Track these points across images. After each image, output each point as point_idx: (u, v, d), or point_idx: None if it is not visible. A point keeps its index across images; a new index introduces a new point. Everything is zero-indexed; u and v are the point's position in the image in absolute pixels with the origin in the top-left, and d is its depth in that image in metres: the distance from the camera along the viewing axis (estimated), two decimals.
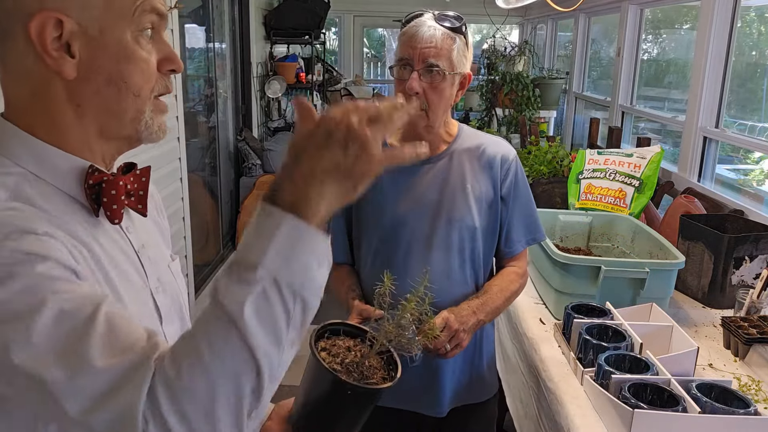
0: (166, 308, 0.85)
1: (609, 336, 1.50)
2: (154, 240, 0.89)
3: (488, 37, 6.83)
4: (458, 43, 1.38)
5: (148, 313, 0.80)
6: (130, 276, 0.78)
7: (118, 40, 0.70)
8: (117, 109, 0.73)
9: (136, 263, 0.81)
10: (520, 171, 1.53)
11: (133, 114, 0.74)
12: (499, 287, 1.47)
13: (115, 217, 0.75)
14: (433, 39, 1.35)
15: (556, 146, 3.17)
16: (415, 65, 1.36)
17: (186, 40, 3.81)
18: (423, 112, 1.38)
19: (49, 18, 0.66)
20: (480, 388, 1.57)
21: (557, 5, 3.66)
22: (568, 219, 2.20)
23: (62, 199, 0.73)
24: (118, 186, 0.75)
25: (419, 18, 1.39)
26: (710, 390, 1.27)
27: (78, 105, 0.72)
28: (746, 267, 1.88)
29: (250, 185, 4.74)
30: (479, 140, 1.51)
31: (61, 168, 0.73)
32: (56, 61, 0.68)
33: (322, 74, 6.14)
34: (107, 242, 0.76)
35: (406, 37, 1.38)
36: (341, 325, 1.06)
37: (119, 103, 0.73)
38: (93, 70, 0.70)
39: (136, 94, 0.73)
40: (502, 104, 5.57)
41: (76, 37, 0.68)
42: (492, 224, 1.49)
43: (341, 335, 1.04)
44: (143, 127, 0.76)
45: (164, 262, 0.89)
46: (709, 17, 2.84)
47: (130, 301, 0.76)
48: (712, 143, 2.94)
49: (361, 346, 1.02)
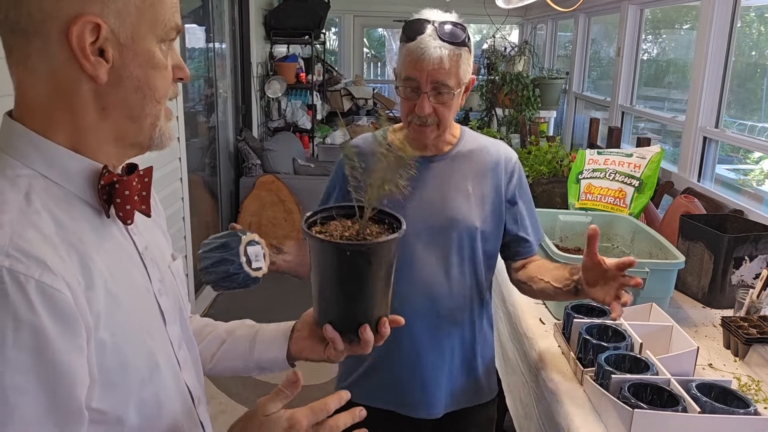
0: (169, 310, 0.85)
1: (609, 336, 1.50)
2: (156, 241, 0.90)
3: (488, 37, 6.83)
4: (464, 56, 1.35)
5: (151, 317, 0.81)
6: (134, 279, 0.78)
7: (148, 48, 0.72)
8: (140, 114, 0.75)
9: (139, 265, 0.81)
10: (523, 173, 1.54)
11: (152, 119, 0.76)
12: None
13: (128, 218, 0.76)
14: (441, 60, 1.31)
15: (556, 146, 3.17)
16: (424, 87, 1.34)
17: (186, 40, 3.81)
18: (434, 126, 1.39)
19: (88, 22, 0.67)
20: (477, 391, 1.57)
21: (557, 5, 3.66)
22: (568, 219, 2.20)
23: (72, 202, 0.73)
24: (132, 186, 0.76)
25: (422, 35, 1.33)
26: (710, 390, 1.27)
27: (103, 108, 0.73)
28: (746, 267, 1.88)
29: (250, 185, 4.74)
30: (481, 143, 1.52)
31: (71, 170, 0.73)
32: (94, 65, 0.69)
33: (322, 74, 6.14)
34: (112, 246, 0.76)
35: (412, 59, 1.33)
36: (332, 209, 1.00)
37: (143, 108, 0.74)
38: (123, 76, 0.72)
39: (158, 100, 0.75)
40: (502, 104, 5.56)
41: (110, 43, 0.70)
42: (494, 225, 1.49)
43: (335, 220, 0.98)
44: (158, 134, 0.78)
45: (165, 262, 0.89)
46: (709, 17, 2.84)
47: (133, 307, 0.76)
48: (712, 143, 2.94)
49: (356, 221, 0.96)
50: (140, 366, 0.75)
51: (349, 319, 0.94)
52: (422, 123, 1.38)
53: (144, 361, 0.76)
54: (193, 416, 0.88)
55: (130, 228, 0.81)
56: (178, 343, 0.87)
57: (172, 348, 0.85)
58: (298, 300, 4.17)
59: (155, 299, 0.82)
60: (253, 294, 4.65)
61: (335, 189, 1.53)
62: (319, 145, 5.93)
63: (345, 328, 0.94)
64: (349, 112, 6.68)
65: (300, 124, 5.63)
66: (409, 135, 1.43)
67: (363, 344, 0.94)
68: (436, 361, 1.47)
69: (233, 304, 4.12)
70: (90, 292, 0.69)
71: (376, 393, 1.51)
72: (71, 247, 0.69)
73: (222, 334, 1.08)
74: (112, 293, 0.72)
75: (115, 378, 0.72)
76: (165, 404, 0.80)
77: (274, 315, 0.83)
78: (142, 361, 0.76)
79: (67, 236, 0.69)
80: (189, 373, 0.89)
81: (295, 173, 4.91)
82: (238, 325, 1.10)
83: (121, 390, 0.73)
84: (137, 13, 0.71)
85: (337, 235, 0.91)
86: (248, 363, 1.05)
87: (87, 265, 0.70)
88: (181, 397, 0.85)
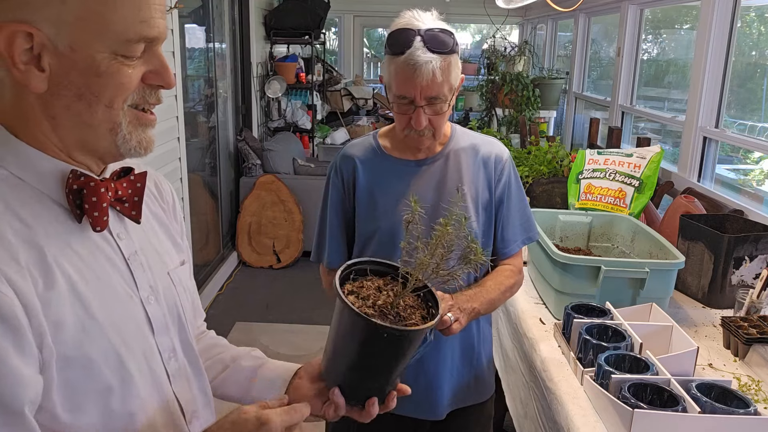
0: (159, 319, 0.82)
1: (609, 336, 1.50)
2: (155, 245, 0.87)
3: (488, 37, 6.82)
4: (453, 62, 1.33)
5: (131, 324, 0.78)
6: (112, 284, 0.76)
7: (91, 58, 0.68)
8: (91, 121, 0.72)
9: (123, 271, 0.78)
10: (514, 171, 1.52)
11: (109, 125, 0.72)
12: (494, 281, 1.46)
13: (97, 225, 0.73)
14: (433, 75, 1.29)
15: (555, 146, 3.17)
16: (418, 102, 1.33)
17: (186, 40, 3.81)
18: (430, 135, 1.39)
19: (17, 30, 0.65)
20: (479, 389, 1.57)
21: (557, 5, 3.66)
22: (568, 219, 2.20)
23: (44, 204, 0.71)
24: (100, 193, 0.73)
25: (410, 49, 1.28)
26: (710, 390, 1.27)
27: (53, 117, 0.71)
28: (746, 267, 1.88)
29: (250, 185, 4.74)
30: (473, 140, 1.51)
31: (43, 170, 0.72)
32: (23, 74, 0.67)
33: (322, 74, 6.14)
34: (86, 249, 0.74)
35: (404, 76, 1.30)
36: (368, 263, 0.94)
37: (92, 115, 0.71)
38: (63, 85, 0.69)
39: (107, 105, 0.71)
40: (502, 104, 5.56)
41: (47, 51, 0.67)
42: (488, 225, 1.49)
43: (369, 275, 0.93)
44: (121, 141, 0.74)
45: (163, 268, 0.86)
46: (708, 17, 2.84)
47: (106, 312, 0.73)
48: (712, 143, 2.94)
49: (392, 285, 0.91)
50: (106, 374, 0.72)
51: (360, 391, 0.90)
52: (419, 135, 1.38)
53: (112, 369, 0.73)
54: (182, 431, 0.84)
55: (115, 233, 0.78)
56: (168, 353, 0.84)
57: (160, 358, 0.82)
58: (298, 300, 4.18)
59: (141, 306, 0.79)
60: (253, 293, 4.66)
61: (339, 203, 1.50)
62: (319, 145, 5.93)
63: (353, 397, 0.91)
64: (349, 112, 6.68)
65: (300, 124, 5.63)
66: (404, 142, 1.43)
67: (365, 415, 0.92)
68: (438, 365, 1.47)
69: (234, 304, 4.12)
70: (49, 292, 0.67)
71: None
72: (32, 247, 0.68)
73: (227, 359, 1.04)
74: (80, 296, 0.70)
75: (76, 383, 0.70)
76: (138, 417, 0.77)
77: (274, 314, 0.82)
78: (110, 370, 0.73)
79: (29, 236, 0.68)
80: (182, 385, 0.86)
81: (295, 173, 4.91)
82: (244, 354, 1.06)
83: (84, 397, 0.71)
84: (77, 22, 0.67)
85: (371, 303, 0.86)
86: (244, 396, 1.01)
87: (49, 266, 0.68)
88: (165, 411, 0.82)
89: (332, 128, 6.35)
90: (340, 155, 1.52)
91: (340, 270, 0.89)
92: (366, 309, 0.84)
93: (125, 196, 0.78)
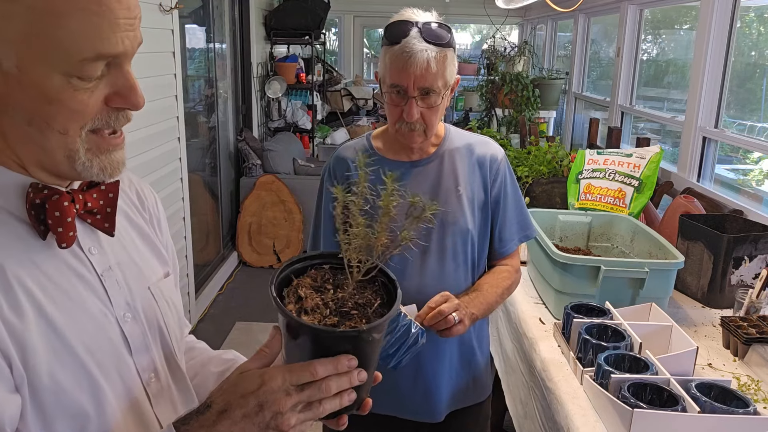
0: (137, 338, 0.77)
1: (608, 336, 1.50)
2: (135, 258, 0.82)
3: (488, 38, 6.83)
4: (449, 56, 1.33)
5: (108, 345, 0.73)
6: (83, 302, 0.71)
7: (40, 81, 0.63)
8: (45, 146, 0.66)
9: (97, 289, 0.73)
10: (509, 170, 1.52)
11: (64, 152, 0.67)
12: (491, 284, 1.45)
13: (63, 241, 0.68)
14: (428, 64, 1.28)
15: (555, 146, 3.17)
16: (411, 92, 1.31)
17: (186, 40, 3.81)
18: (422, 132, 1.37)
19: None
20: (477, 389, 1.57)
21: (557, 5, 3.67)
22: (568, 219, 2.20)
23: (3, 220, 0.67)
24: (63, 207, 0.68)
25: (406, 38, 1.29)
26: (709, 390, 1.28)
27: (4, 135, 0.67)
28: (745, 267, 1.89)
29: (250, 185, 4.75)
30: (467, 140, 1.50)
31: (2, 185, 0.67)
32: None
33: (322, 74, 6.15)
34: (54, 267, 0.70)
35: (398, 64, 1.30)
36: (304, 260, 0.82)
37: (45, 141, 0.66)
38: (12, 106, 0.64)
39: (62, 132, 0.65)
40: (501, 104, 5.57)
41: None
42: (484, 226, 1.48)
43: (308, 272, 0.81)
44: (81, 167, 0.68)
45: (144, 282, 0.82)
46: (708, 17, 2.85)
47: (81, 333, 0.69)
48: (712, 143, 2.94)
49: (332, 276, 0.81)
50: (81, 399, 0.69)
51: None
52: (411, 129, 1.36)
53: (86, 393, 0.69)
54: None
55: (86, 248, 0.73)
56: (149, 373, 0.79)
57: (139, 379, 0.77)
58: None
59: (117, 325, 0.75)
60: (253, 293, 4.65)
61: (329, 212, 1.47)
62: (319, 145, 5.93)
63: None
64: (349, 112, 6.69)
65: (300, 124, 5.64)
66: (398, 140, 1.42)
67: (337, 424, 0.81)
68: (437, 368, 1.47)
69: (234, 304, 4.12)
70: (13, 313, 0.64)
71: (376, 400, 1.50)
72: None
73: (197, 366, 0.99)
74: (47, 318, 0.66)
75: (49, 409, 0.66)
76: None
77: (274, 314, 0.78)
78: (84, 394, 0.69)
79: None
80: (164, 406, 0.81)
81: (296, 173, 4.92)
82: (215, 358, 1.01)
83: (59, 423, 0.67)
84: (22, 39, 0.61)
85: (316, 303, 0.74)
86: None
87: (10, 286, 0.65)
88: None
89: (332, 128, 6.36)
90: (333, 157, 1.51)
91: (274, 277, 0.77)
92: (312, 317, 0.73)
93: (96, 207, 0.72)
